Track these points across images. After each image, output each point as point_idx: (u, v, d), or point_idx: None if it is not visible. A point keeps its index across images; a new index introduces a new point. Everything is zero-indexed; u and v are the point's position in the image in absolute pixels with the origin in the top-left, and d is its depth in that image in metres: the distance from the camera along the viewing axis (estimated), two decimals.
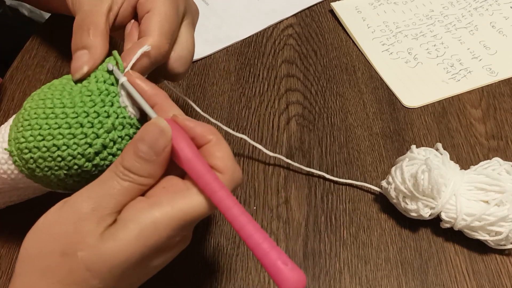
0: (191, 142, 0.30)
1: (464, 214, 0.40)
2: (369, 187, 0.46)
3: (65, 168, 0.32)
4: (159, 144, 0.29)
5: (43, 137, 0.31)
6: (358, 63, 0.59)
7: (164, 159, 0.29)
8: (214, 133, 0.30)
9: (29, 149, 0.32)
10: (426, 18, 0.64)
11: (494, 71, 0.58)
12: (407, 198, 0.42)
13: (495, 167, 0.42)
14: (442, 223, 0.42)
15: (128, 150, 0.29)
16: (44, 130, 0.31)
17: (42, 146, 0.31)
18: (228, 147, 0.30)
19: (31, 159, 0.32)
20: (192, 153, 0.29)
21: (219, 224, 0.44)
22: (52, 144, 0.31)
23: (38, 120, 0.32)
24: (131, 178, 0.29)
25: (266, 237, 0.28)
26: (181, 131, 0.30)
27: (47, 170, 0.32)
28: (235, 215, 0.28)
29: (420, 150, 0.44)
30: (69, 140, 0.31)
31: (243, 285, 0.41)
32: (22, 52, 0.59)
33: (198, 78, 0.57)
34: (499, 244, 0.41)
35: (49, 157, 0.32)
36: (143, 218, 0.28)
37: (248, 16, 0.65)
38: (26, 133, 0.32)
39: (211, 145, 0.30)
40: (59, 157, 0.32)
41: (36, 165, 0.32)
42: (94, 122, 0.32)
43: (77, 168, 0.32)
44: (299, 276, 0.27)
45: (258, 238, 0.27)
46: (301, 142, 0.51)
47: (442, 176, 0.41)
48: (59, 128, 0.31)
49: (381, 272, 0.41)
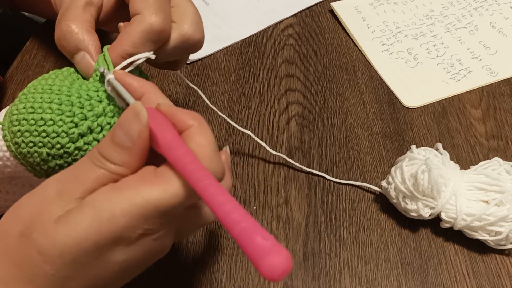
0: (172, 128, 0.28)
1: (464, 214, 0.40)
2: (369, 187, 0.46)
3: (48, 145, 0.32)
4: (133, 128, 0.27)
5: (33, 109, 0.32)
6: (358, 63, 0.59)
7: (139, 148, 0.27)
8: (196, 119, 0.28)
9: (18, 121, 0.32)
10: (426, 18, 0.64)
11: (494, 71, 0.58)
12: (407, 198, 0.42)
13: (495, 167, 0.42)
14: (442, 223, 0.42)
15: (106, 136, 0.28)
16: (36, 103, 0.32)
17: (30, 119, 0.32)
18: (210, 135, 0.28)
19: (18, 132, 0.32)
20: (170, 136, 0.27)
21: (219, 224, 0.44)
22: (40, 117, 0.32)
23: (34, 94, 0.33)
24: (104, 165, 0.27)
25: (245, 213, 0.24)
26: (162, 118, 0.28)
27: (32, 145, 0.32)
28: (212, 194, 0.25)
29: (420, 150, 0.44)
30: (56, 116, 0.32)
31: (243, 285, 0.41)
32: (22, 52, 0.59)
33: (198, 78, 0.57)
34: (499, 244, 0.41)
35: (35, 131, 0.32)
36: (100, 201, 0.26)
37: (248, 16, 0.65)
38: (20, 105, 0.32)
39: (191, 131, 0.28)
40: (44, 132, 0.32)
41: (22, 139, 0.32)
42: (84, 104, 0.32)
43: (60, 147, 0.32)
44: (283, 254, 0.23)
45: (236, 215, 0.24)
46: (301, 142, 0.51)
47: (442, 176, 0.41)
48: (51, 103, 0.32)
49: (381, 272, 0.41)
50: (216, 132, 0.51)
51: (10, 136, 0.33)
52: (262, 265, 0.22)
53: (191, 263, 0.42)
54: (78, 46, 0.34)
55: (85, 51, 0.34)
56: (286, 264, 0.22)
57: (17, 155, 0.33)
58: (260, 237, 0.23)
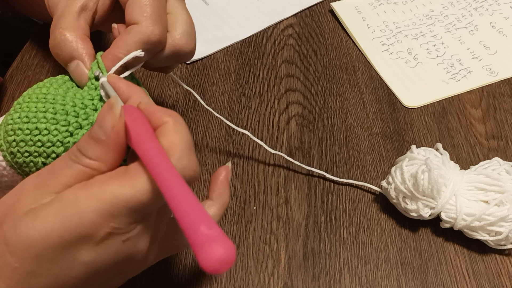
0: (146, 124, 0.27)
1: (464, 214, 0.40)
2: (369, 187, 0.46)
3: (44, 155, 0.32)
4: (107, 121, 0.27)
5: (28, 119, 0.32)
6: (358, 63, 0.59)
7: (114, 142, 0.27)
8: (172, 116, 0.27)
9: (13, 131, 0.32)
10: (426, 18, 0.64)
11: (494, 71, 0.58)
12: (407, 198, 0.42)
13: (495, 167, 0.42)
14: (442, 223, 0.42)
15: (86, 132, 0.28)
16: (31, 112, 0.32)
17: (25, 129, 0.32)
18: (185, 132, 0.27)
19: (13, 141, 0.32)
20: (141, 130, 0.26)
21: (219, 224, 0.44)
22: (35, 127, 0.32)
23: (29, 104, 0.32)
24: (79, 160, 0.27)
25: (197, 206, 0.23)
26: (139, 115, 0.28)
27: (27, 155, 0.32)
28: (169, 186, 0.24)
29: (420, 150, 0.44)
30: (51, 125, 0.32)
31: (243, 285, 0.41)
32: (22, 52, 0.59)
33: (198, 78, 0.57)
34: (499, 244, 0.41)
35: (30, 141, 0.32)
36: (67, 196, 0.25)
37: (248, 16, 0.65)
38: (15, 114, 0.32)
39: (166, 127, 0.27)
40: (39, 142, 0.32)
41: (17, 149, 0.32)
42: (79, 113, 0.32)
43: (55, 156, 0.32)
44: (225, 245, 0.21)
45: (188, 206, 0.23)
46: (301, 142, 0.51)
47: (442, 176, 0.41)
48: (45, 112, 0.32)
49: (381, 272, 0.41)
50: (216, 132, 0.51)
51: (5, 146, 0.33)
52: (201, 254, 0.21)
53: (191, 263, 0.42)
54: (72, 54, 0.34)
55: (79, 59, 0.34)
56: (226, 255, 0.21)
57: (13, 165, 0.33)
58: (205, 226, 0.22)
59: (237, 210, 0.45)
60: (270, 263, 0.42)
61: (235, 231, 0.44)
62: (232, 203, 0.46)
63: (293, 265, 0.42)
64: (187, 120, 0.52)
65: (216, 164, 0.49)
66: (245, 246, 0.43)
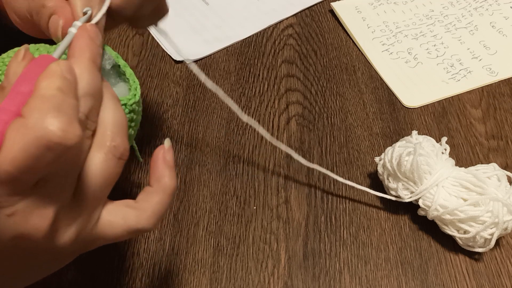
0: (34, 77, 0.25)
1: (438, 204, 0.41)
2: (368, 189, 0.46)
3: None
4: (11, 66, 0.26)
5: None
6: (358, 63, 0.59)
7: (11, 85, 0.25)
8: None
9: None
10: (426, 18, 0.64)
11: (494, 71, 0.58)
12: (391, 176, 0.43)
13: (488, 171, 0.42)
14: (419, 210, 0.43)
15: None
16: None
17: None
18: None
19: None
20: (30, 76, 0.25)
21: (219, 224, 0.44)
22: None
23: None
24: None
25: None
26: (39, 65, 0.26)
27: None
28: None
29: (420, 137, 0.44)
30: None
31: (243, 285, 0.41)
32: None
33: (198, 78, 0.57)
34: (467, 244, 0.41)
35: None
36: None
37: (248, 16, 0.65)
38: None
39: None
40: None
41: None
42: None
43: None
44: None
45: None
46: (301, 142, 0.51)
47: (429, 164, 0.41)
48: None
49: (381, 272, 0.41)
50: (216, 132, 0.51)
51: None
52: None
53: (191, 263, 0.42)
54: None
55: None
56: None
57: None
58: None
59: (237, 210, 0.45)
60: (270, 263, 0.42)
61: (235, 231, 0.44)
62: (232, 203, 0.46)
63: (293, 265, 0.42)
64: (187, 120, 0.52)
65: (216, 164, 0.49)
66: (245, 246, 0.43)
